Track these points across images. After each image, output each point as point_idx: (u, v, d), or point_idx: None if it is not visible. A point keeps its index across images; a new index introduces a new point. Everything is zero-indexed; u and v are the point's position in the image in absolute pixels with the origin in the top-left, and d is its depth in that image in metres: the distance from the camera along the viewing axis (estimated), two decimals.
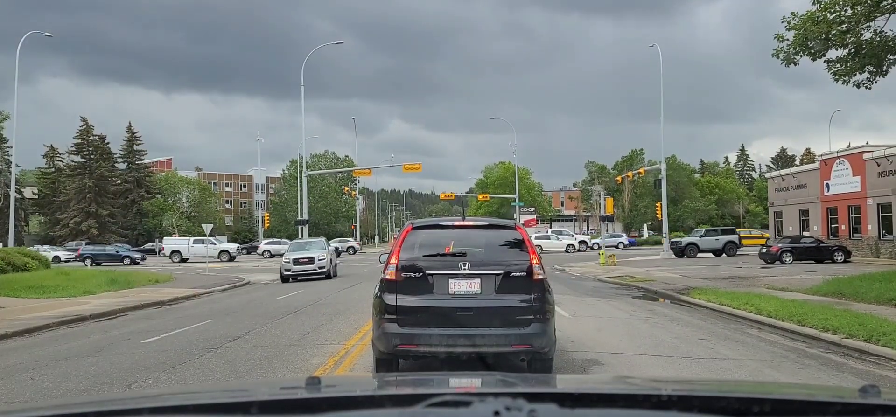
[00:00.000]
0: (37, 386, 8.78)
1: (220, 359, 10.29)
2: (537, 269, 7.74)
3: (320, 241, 34.80)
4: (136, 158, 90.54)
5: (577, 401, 1.61)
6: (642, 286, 23.34)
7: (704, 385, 2.94)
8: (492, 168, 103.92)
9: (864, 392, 1.71)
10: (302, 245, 33.24)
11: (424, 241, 8.01)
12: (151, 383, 8.81)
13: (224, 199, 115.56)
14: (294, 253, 30.94)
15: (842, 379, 8.72)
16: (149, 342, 12.27)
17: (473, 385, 2.24)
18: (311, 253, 30.45)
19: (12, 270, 27.09)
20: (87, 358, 10.78)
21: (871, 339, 10.56)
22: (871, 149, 39.96)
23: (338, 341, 11.74)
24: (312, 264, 29.77)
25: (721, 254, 44.28)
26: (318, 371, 9.18)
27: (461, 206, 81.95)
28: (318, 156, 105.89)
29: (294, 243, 35.42)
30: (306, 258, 29.95)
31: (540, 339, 7.61)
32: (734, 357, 10.19)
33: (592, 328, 13.17)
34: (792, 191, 47.58)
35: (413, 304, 7.59)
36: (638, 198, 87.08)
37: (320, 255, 30.29)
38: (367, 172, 66.96)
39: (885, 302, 15.39)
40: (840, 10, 19.64)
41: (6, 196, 52.19)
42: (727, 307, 15.63)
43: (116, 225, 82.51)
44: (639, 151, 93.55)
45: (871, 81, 20.81)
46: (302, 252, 30.85)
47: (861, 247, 38.96)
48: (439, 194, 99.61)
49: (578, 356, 9.99)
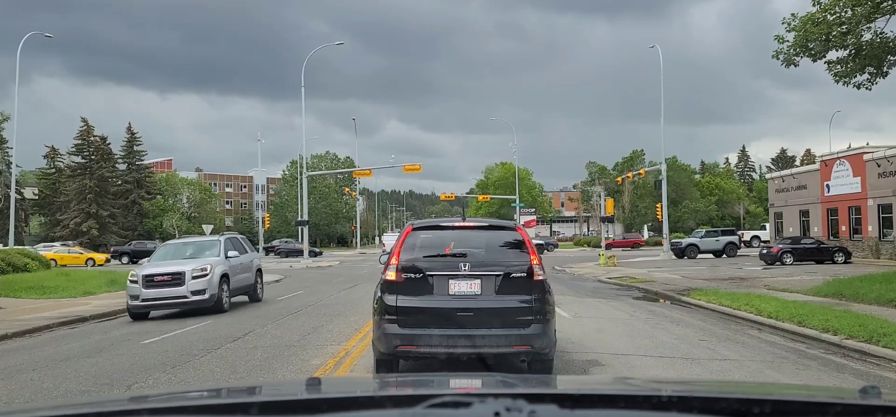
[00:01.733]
0: (37, 387, 8.78)
1: (221, 360, 10.29)
2: (537, 270, 7.74)
3: (213, 243, 19.04)
4: (137, 159, 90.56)
5: (577, 402, 1.61)
6: (642, 287, 23.34)
7: (704, 385, 2.94)
8: (492, 168, 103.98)
9: (864, 393, 1.71)
10: (176, 249, 19.26)
11: (425, 242, 8.01)
12: (151, 383, 8.81)
13: (224, 200, 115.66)
14: (150, 266, 17.52)
15: (842, 380, 8.72)
16: (149, 342, 12.27)
17: (473, 386, 2.24)
18: (179, 265, 17.10)
19: (12, 271, 27.11)
20: (87, 359, 10.78)
21: (871, 340, 10.56)
22: (872, 150, 39.96)
23: (338, 342, 11.74)
24: (179, 284, 16.55)
25: (721, 255, 44.29)
26: (318, 372, 9.18)
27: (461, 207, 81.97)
28: (319, 156, 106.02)
29: (167, 246, 20.88)
30: (167, 275, 16.70)
31: (540, 340, 7.62)
32: (734, 357, 10.19)
33: (593, 329, 13.17)
34: (792, 192, 47.58)
35: (413, 305, 7.60)
36: (638, 198, 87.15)
37: (197, 268, 16.86)
38: (367, 173, 66.95)
39: (885, 303, 15.38)
40: (840, 12, 19.65)
41: (6, 196, 52.22)
42: (727, 308, 15.63)
43: (117, 226, 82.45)
44: (639, 152, 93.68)
45: (871, 82, 20.82)
46: (165, 263, 17.55)
47: (861, 248, 38.95)
48: (439, 195, 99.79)
49: (579, 357, 9.99)
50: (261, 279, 20.59)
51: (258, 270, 20.38)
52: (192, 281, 16.66)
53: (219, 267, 17.34)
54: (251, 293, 19.62)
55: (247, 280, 19.26)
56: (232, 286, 17.88)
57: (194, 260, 17.43)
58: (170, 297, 16.64)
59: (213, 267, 17.12)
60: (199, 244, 19.39)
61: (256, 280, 19.95)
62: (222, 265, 17.55)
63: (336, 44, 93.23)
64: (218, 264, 17.41)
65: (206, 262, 17.25)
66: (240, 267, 18.78)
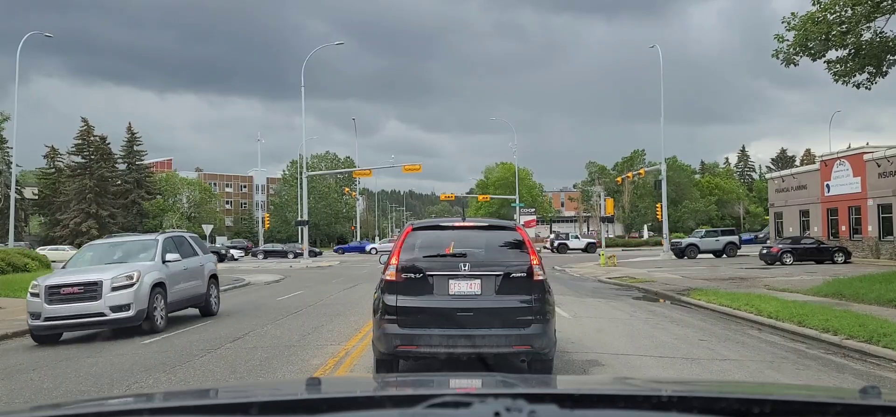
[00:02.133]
0: (37, 387, 8.78)
1: (221, 360, 10.29)
2: (537, 270, 7.75)
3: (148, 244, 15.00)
4: (137, 159, 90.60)
5: (577, 402, 1.61)
6: (642, 287, 23.34)
7: (704, 385, 2.94)
8: (492, 168, 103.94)
9: (864, 393, 1.71)
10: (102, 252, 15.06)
11: (425, 242, 8.02)
12: (151, 383, 8.81)
13: (224, 200, 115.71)
14: (58, 274, 14.20)
15: (842, 380, 8.72)
16: (149, 342, 12.26)
17: (473, 386, 2.24)
18: (95, 273, 13.35)
19: (12, 271, 27.12)
20: (86, 359, 10.79)
21: (871, 340, 10.56)
22: (872, 150, 39.96)
23: (338, 342, 11.74)
24: (93, 298, 12.85)
25: (721, 255, 44.31)
26: (318, 372, 9.18)
27: (461, 207, 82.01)
28: (319, 156, 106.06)
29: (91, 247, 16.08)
30: (77, 286, 12.97)
31: (540, 340, 7.62)
32: (734, 357, 10.19)
33: (592, 329, 13.18)
34: (792, 192, 47.59)
35: (413, 305, 7.60)
36: (638, 198, 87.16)
37: (121, 276, 13.15)
38: (367, 173, 66.96)
39: (885, 303, 15.39)
40: (840, 11, 19.66)
41: (6, 196, 52.24)
42: (727, 308, 15.64)
43: (117, 226, 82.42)
44: (639, 152, 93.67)
45: (870, 82, 20.84)
46: (79, 270, 13.83)
47: (861, 248, 38.96)
48: (439, 195, 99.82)
49: (578, 357, 10.00)
50: (216, 287, 16.92)
51: (212, 276, 16.59)
52: (112, 294, 12.81)
53: (151, 274, 13.59)
54: (202, 305, 15.97)
55: (195, 289, 15.63)
56: (173, 298, 14.27)
57: (119, 267, 13.62)
58: (81, 315, 12.73)
59: (143, 274, 13.32)
60: (130, 245, 15.18)
61: (210, 289, 16.29)
62: (156, 272, 13.83)
63: (336, 44, 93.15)
64: (150, 271, 13.68)
65: (134, 269, 13.46)
66: (184, 273, 15.07)
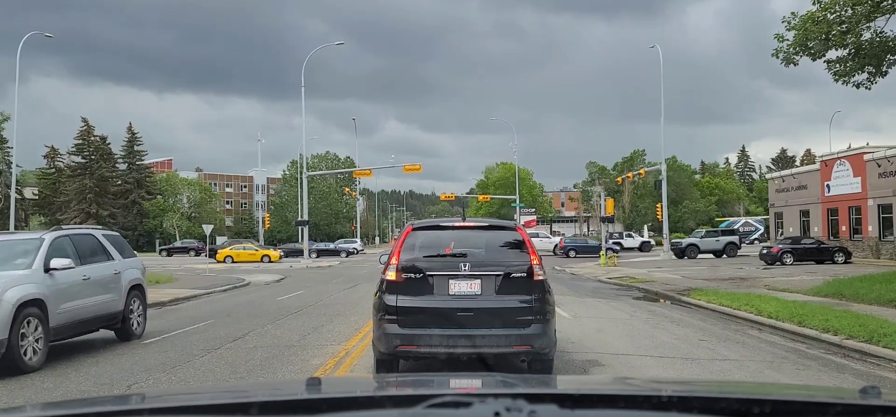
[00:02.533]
0: (37, 387, 8.78)
1: (221, 360, 10.29)
2: (538, 270, 7.75)
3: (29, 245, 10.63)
4: (137, 159, 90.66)
5: (577, 402, 1.61)
6: (642, 287, 23.34)
7: (704, 385, 2.94)
8: (492, 168, 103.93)
9: (864, 393, 1.71)
10: None
11: (425, 242, 8.02)
12: (151, 383, 8.82)
13: (224, 200, 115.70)
14: None
15: (842, 380, 8.72)
16: (148, 342, 12.26)
17: (474, 386, 2.24)
18: None
19: None
20: (86, 359, 10.78)
21: (871, 340, 10.57)
22: (872, 150, 39.95)
23: (338, 342, 11.74)
24: None
25: (721, 255, 44.31)
26: (318, 372, 9.18)
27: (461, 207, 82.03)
28: (319, 156, 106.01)
29: None
30: None
31: (540, 340, 7.62)
32: (734, 358, 10.19)
33: (593, 329, 13.18)
34: (792, 192, 47.59)
35: (413, 305, 7.60)
36: (638, 198, 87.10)
37: None
38: (367, 173, 66.91)
39: (885, 303, 15.39)
40: (840, 11, 19.66)
41: (6, 196, 52.25)
42: (727, 308, 15.64)
43: (117, 226, 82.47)
44: (639, 152, 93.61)
45: (870, 82, 20.84)
46: None
47: (862, 248, 38.95)
48: (440, 195, 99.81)
49: (579, 357, 10.00)
50: (141, 301, 12.91)
51: (134, 287, 12.55)
52: None
53: (20, 288, 9.56)
54: (116, 325, 12.05)
55: (104, 305, 11.60)
56: (61, 320, 10.36)
57: None
58: None
59: (4, 290, 9.27)
60: (3, 246, 10.86)
61: (130, 303, 12.34)
62: (31, 286, 9.81)
63: (336, 44, 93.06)
64: (21, 284, 9.67)
65: None
66: (84, 285, 11.12)
